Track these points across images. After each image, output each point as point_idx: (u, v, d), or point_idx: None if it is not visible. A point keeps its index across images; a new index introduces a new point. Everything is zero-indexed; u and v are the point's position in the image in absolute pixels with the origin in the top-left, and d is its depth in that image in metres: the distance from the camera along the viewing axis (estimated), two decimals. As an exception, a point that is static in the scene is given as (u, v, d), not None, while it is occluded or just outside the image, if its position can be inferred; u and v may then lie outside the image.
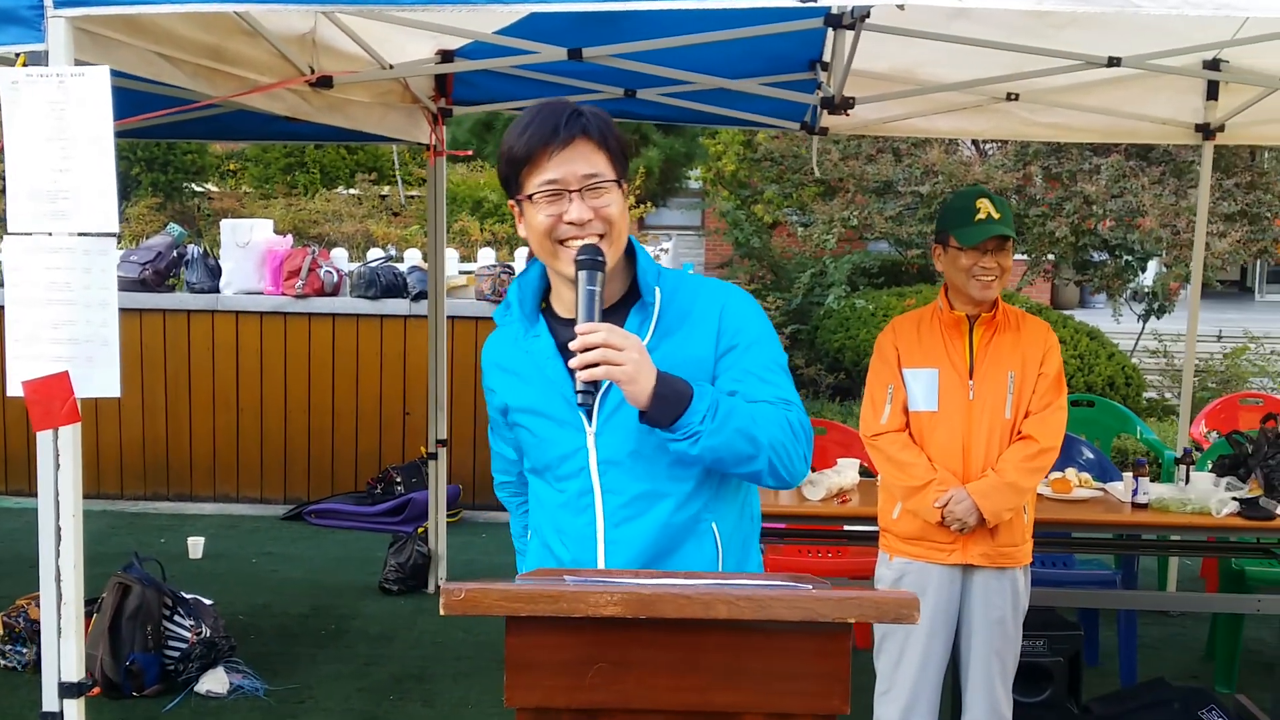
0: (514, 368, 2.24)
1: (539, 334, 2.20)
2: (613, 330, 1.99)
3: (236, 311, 8.02)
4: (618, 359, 1.96)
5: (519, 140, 2.09)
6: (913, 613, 1.64)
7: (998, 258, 3.50)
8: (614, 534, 2.16)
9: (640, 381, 1.98)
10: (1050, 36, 4.65)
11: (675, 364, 2.07)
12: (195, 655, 4.91)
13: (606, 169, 2.10)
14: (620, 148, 2.12)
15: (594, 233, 2.08)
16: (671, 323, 2.16)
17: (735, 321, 2.17)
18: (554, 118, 2.07)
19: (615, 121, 2.16)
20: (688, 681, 1.67)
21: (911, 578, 3.62)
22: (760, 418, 2.06)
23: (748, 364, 2.15)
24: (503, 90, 5.72)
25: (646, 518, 2.15)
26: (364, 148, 16.15)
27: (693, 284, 2.22)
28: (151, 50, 3.18)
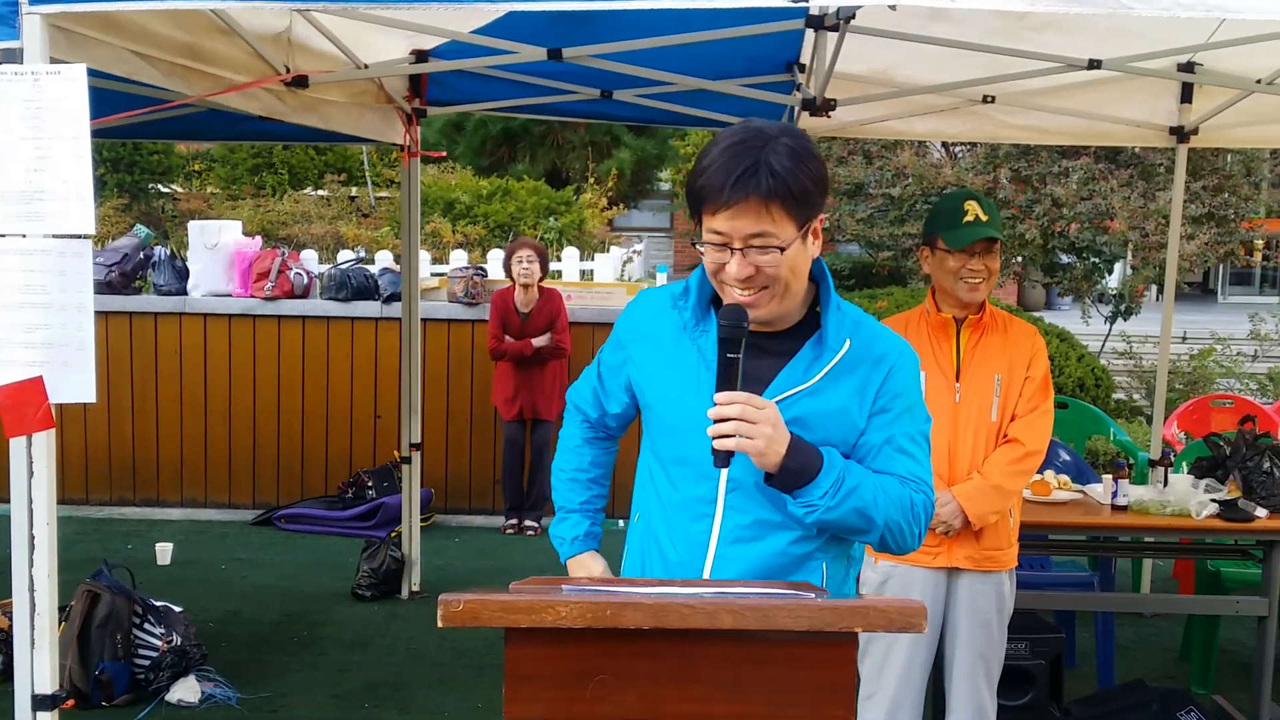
0: (670, 351, 2.22)
1: (708, 330, 2.18)
2: (749, 402, 2.00)
3: (205, 314, 7.92)
4: (750, 432, 1.99)
5: (698, 181, 2.04)
6: (920, 621, 1.61)
7: (985, 260, 3.49)
8: (727, 550, 2.16)
9: (769, 456, 2.01)
10: (1028, 39, 4.65)
11: (829, 409, 2.11)
12: (166, 664, 4.84)
13: (780, 227, 2.01)
14: (805, 198, 2.02)
15: (756, 285, 2.06)
16: (842, 369, 2.14)
17: (897, 385, 2.16)
18: (732, 168, 1.99)
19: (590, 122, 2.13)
20: (690, 693, 1.64)
21: (896, 581, 3.60)
22: (883, 497, 2.08)
23: (893, 431, 2.15)
24: (478, 91, 5.67)
25: (763, 543, 2.16)
26: (332, 148, 16.06)
27: (869, 332, 2.19)
28: (127, 49, 3.12)
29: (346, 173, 16.12)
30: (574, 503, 2.51)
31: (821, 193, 2.05)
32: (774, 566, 2.15)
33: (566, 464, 2.54)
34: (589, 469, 2.53)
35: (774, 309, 2.11)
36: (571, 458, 2.54)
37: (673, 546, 2.21)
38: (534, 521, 7.63)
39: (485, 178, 15.60)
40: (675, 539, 2.21)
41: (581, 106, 5.74)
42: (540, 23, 4.55)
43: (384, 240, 12.55)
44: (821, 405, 2.11)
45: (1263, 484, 4.40)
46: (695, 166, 2.06)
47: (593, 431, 2.53)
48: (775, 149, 1.99)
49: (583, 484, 2.52)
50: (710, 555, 2.16)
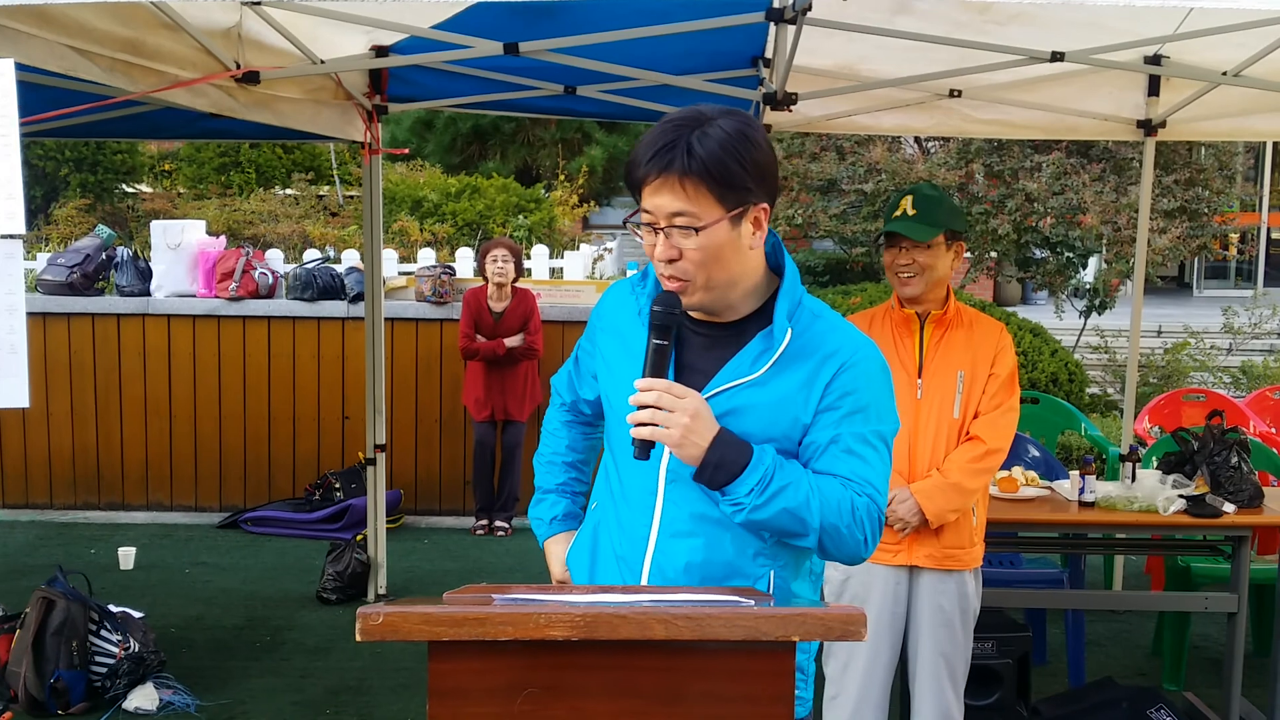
0: (626, 339, 2.18)
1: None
2: (668, 390, 1.96)
3: (168, 315, 7.82)
4: (666, 421, 1.95)
5: (631, 161, 2.01)
6: (860, 629, 1.55)
7: (914, 254, 3.44)
8: (666, 543, 2.09)
9: (687, 448, 1.96)
10: (992, 33, 4.62)
11: (772, 401, 2.03)
12: (123, 671, 4.76)
13: (702, 207, 1.94)
14: (732, 178, 1.95)
15: (679, 275, 2.00)
16: (789, 360, 2.05)
17: (847, 383, 2.05)
18: (656, 142, 1.95)
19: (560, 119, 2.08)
20: (624, 706, 1.58)
21: (857, 579, 3.56)
22: (817, 499, 1.98)
23: (840, 431, 2.04)
24: (440, 87, 5.60)
25: (699, 539, 2.08)
26: (301, 147, 15.95)
27: (826, 327, 2.09)
28: (63, 43, 3.04)
29: (315, 171, 16.01)
30: (551, 484, 2.47)
31: (756, 179, 1.97)
32: (715, 565, 2.07)
33: (545, 447, 2.52)
34: (566, 452, 2.49)
35: (704, 299, 2.04)
36: (550, 440, 2.51)
37: (621, 537, 2.16)
38: (504, 522, 7.56)
39: (455, 176, 15.52)
40: (623, 530, 2.15)
41: (545, 102, 5.68)
42: (502, 18, 4.50)
43: (351, 239, 12.45)
44: (765, 398, 2.03)
45: (1230, 479, 4.37)
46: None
47: (570, 415, 2.49)
48: (707, 130, 1.94)
49: (560, 466, 2.48)
50: (650, 548, 2.10)
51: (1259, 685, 4.74)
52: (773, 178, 2.03)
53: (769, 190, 2.02)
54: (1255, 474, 4.48)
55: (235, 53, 4.01)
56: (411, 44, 4.88)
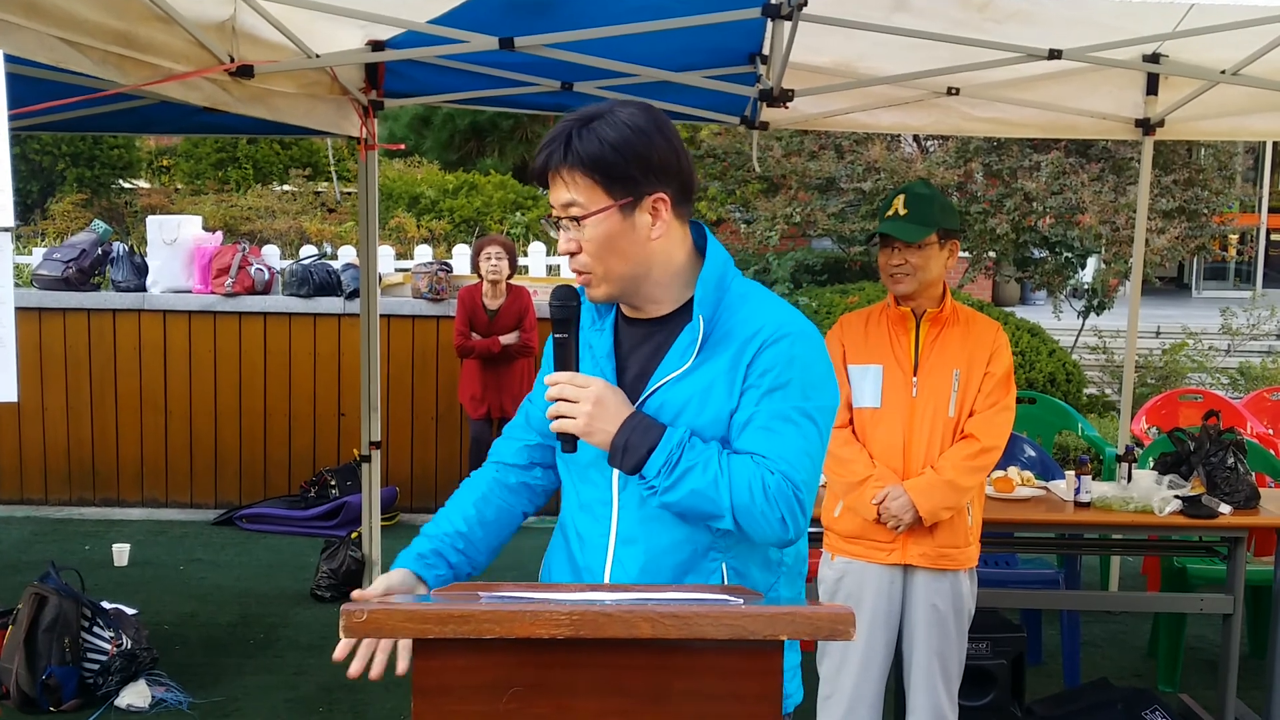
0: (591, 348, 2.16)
1: (603, 329, 2.14)
2: (570, 381, 1.99)
3: (164, 310, 7.80)
4: (570, 411, 1.97)
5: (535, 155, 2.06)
6: (848, 629, 1.53)
7: (906, 254, 3.43)
8: (623, 550, 2.07)
9: (595, 435, 1.98)
10: (991, 30, 4.61)
11: (703, 389, 2.01)
12: (115, 667, 4.74)
13: (589, 197, 1.97)
14: (615, 167, 1.95)
15: (579, 268, 2.03)
16: (714, 347, 2.03)
17: (767, 361, 2.00)
18: (547, 140, 2.00)
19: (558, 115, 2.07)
20: (610, 705, 1.56)
21: (851, 578, 3.55)
22: (725, 479, 1.93)
23: (758, 409, 1.99)
24: (436, 83, 5.58)
25: (654, 540, 2.05)
26: (298, 143, 15.92)
27: (752, 308, 2.06)
28: (54, 35, 3.02)
29: (312, 167, 15.98)
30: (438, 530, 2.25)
31: (642, 169, 1.97)
32: (667, 566, 2.04)
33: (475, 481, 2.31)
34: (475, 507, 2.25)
35: (609, 291, 2.04)
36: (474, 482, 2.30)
37: (580, 550, 2.14)
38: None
39: (453, 172, 15.48)
40: (583, 542, 2.14)
41: (542, 99, 5.65)
42: (498, 13, 4.48)
43: (348, 235, 12.44)
44: (695, 388, 2.01)
45: (1226, 480, 4.35)
46: None
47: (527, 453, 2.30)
48: (593, 124, 1.97)
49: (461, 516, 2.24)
50: (609, 557, 2.08)
51: (1255, 687, 4.73)
52: (673, 169, 2.01)
53: (669, 182, 2.01)
54: (1252, 475, 4.47)
55: (229, 46, 3.98)
56: (407, 38, 4.86)
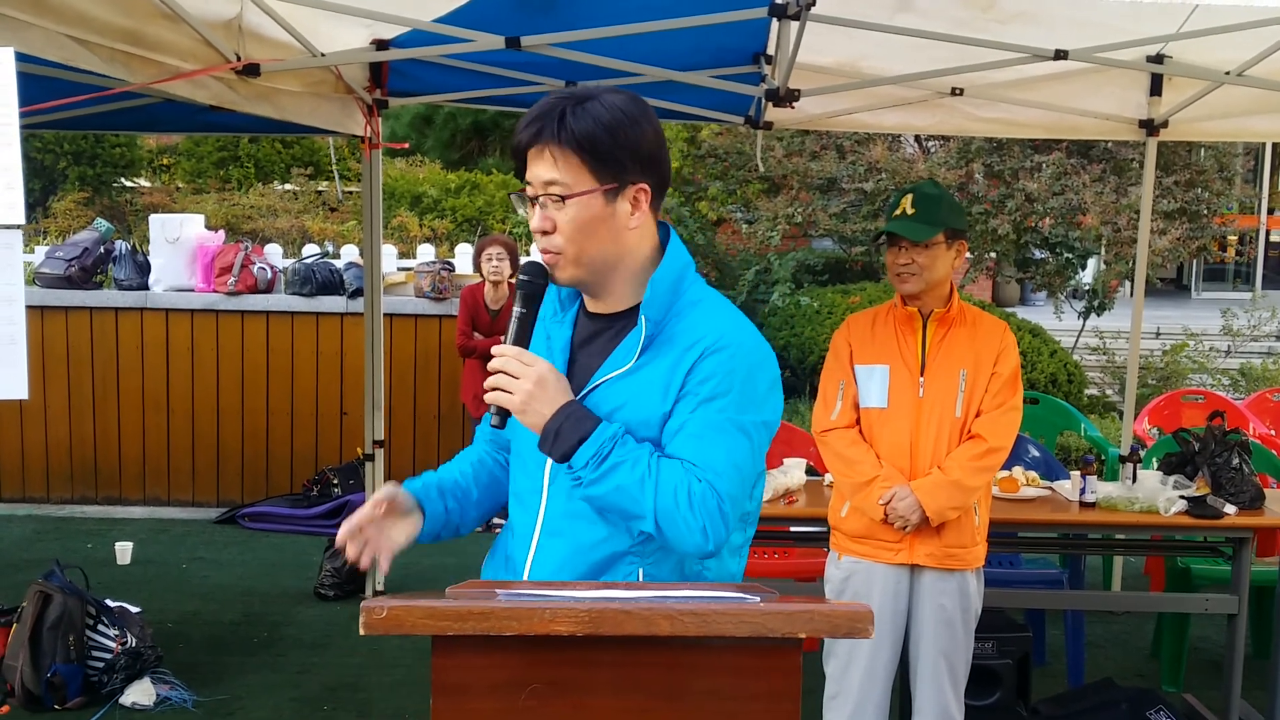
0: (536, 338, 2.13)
1: (563, 321, 2.14)
2: (517, 357, 1.97)
3: (166, 309, 7.80)
4: (509, 386, 1.96)
5: (517, 129, 2.01)
6: (866, 626, 1.54)
7: (913, 254, 3.43)
8: (546, 542, 2.05)
9: (529, 415, 1.96)
10: (995, 31, 4.61)
11: (642, 390, 1.99)
12: (120, 666, 4.73)
13: (574, 177, 1.94)
14: (608, 151, 1.94)
15: (550, 248, 2.00)
16: (658, 349, 2.02)
17: (706, 370, 1.97)
18: (536, 114, 1.96)
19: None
20: (628, 702, 1.56)
21: (858, 578, 3.55)
22: (651, 481, 1.91)
23: (692, 417, 1.96)
24: (440, 82, 5.58)
25: (572, 537, 2.02)
26: (300, 142, 15.91)
27: (701, 314, 2.03)
28: (62, 33, 3.02)
29: (314, 166, 15.97)
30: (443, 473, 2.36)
31: (632, 156, 1.96)
32: (585, 564, 2.01)
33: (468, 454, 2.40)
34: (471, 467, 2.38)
35: (576, 274, 2.02)
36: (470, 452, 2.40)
37: (510, 539, 2.14)
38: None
39: (455, 171, 15.48)
40: (514, 531, 2.14)
41: (545, 97, 5.65)
42: (503, 11, 4.48)
43: (351, 234, 12.43)
44: (635, 387, 2.00)
45: (1231, 480, 4.36)
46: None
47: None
48: (587, 104, 1.95)
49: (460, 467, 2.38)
50: (532, 548, 2.07)
51: (1259, 688, 4.73)
52: (656, 162, 2.02)
53: (652, 174, 2.01)
54: (1256, 476, 4.47)
55: (236, 45, 3.98)
56: (412, 37, 4.86)
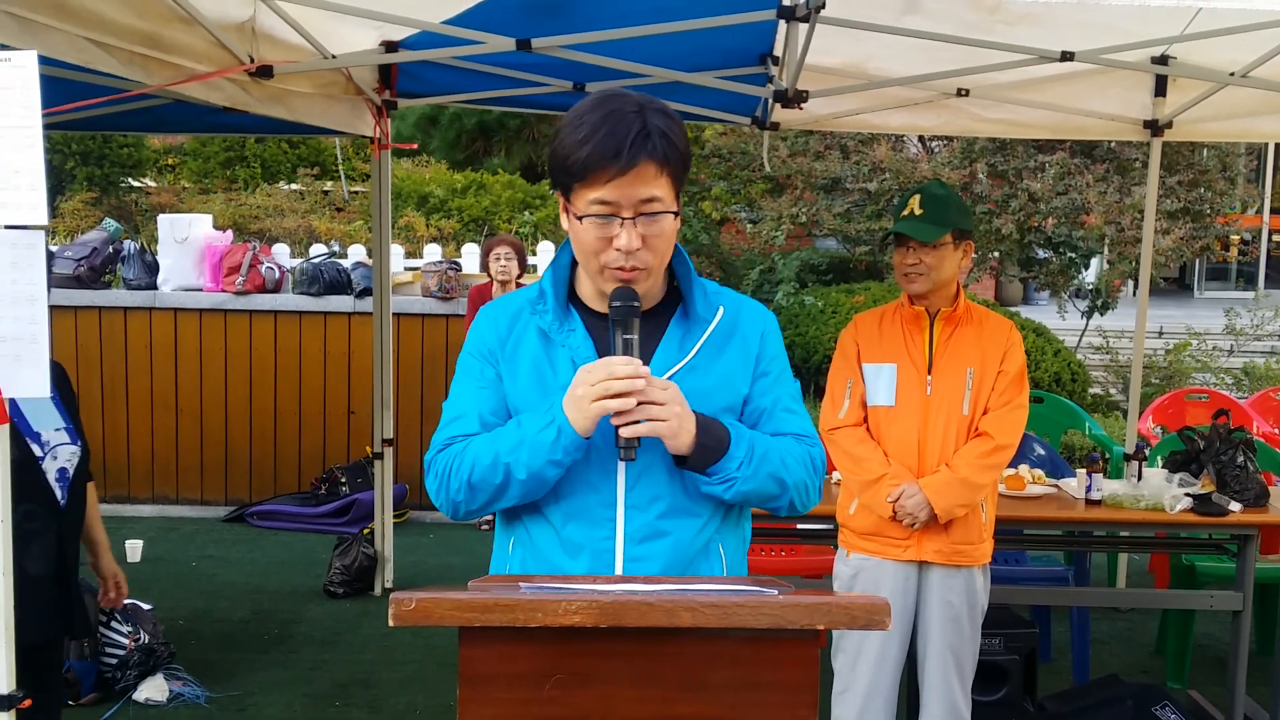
0: (536, 360, 2.07)
1: (574, 328, 2.07)
2: (652, 384, 1.92)
3: (175, 309, 7.84)
4: (661, 414, 1.92)
5: (579, 151, 1.91)
6: (884, 618, 1.57)
7: (921, 254, 3.46)
8: (635, 550, 2.02)
9: (682, 436, 1.94)
10: (1001, 33, 4.64)
11: (709, 383, 2.05)
12: (133, 662, 4.78)
13: (667, 193, 1.95)
14: (685, 161, 1.99)
15: (640, 265, 1.96)
16: (718, 340, 2.09)
17: (772, 348, 2.15)
18: (621, 133, 1.89)
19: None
20: (650, 693, 1.60)
21: (867, 574, 3.58)
22: (788, 458, 2.06)
23: (779, 393, 2.14)
24: (448, 83, 5.62)
25: (668, 538, 2.03)
26: (306, 142, 15.94)
27: (735, 301, 2.17)
28: (83, 36, 3.05)
29: (320, 166, 16.01)
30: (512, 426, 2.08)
31: (688, 168, 2.04)
32: (680, 561, 2.04)
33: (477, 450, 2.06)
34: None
35: (648, 285, 2.04)
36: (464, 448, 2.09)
37: (572, 560, 2.03)
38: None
39: (461, 172, 15.52)
40: (578, 552, 2.03)
41: (554, 99, 5.69)
42: (512, 14, 4.51)
43: (357, 234, 12.48)
44: (701, 380, 2.04)
45: (1236, 478, 4.39)
46: (564, 142, 1.95)
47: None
48: (652, 114, 1.95)
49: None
50: (619, 560, 2.02)
51: (1263, 684, 4.77)
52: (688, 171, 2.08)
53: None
54: (1261, 473, 4.50)
55: (249, 47, 4.02)
56: (422, 39, 4.89)
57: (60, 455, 3.19)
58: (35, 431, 3.14)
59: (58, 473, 3.18)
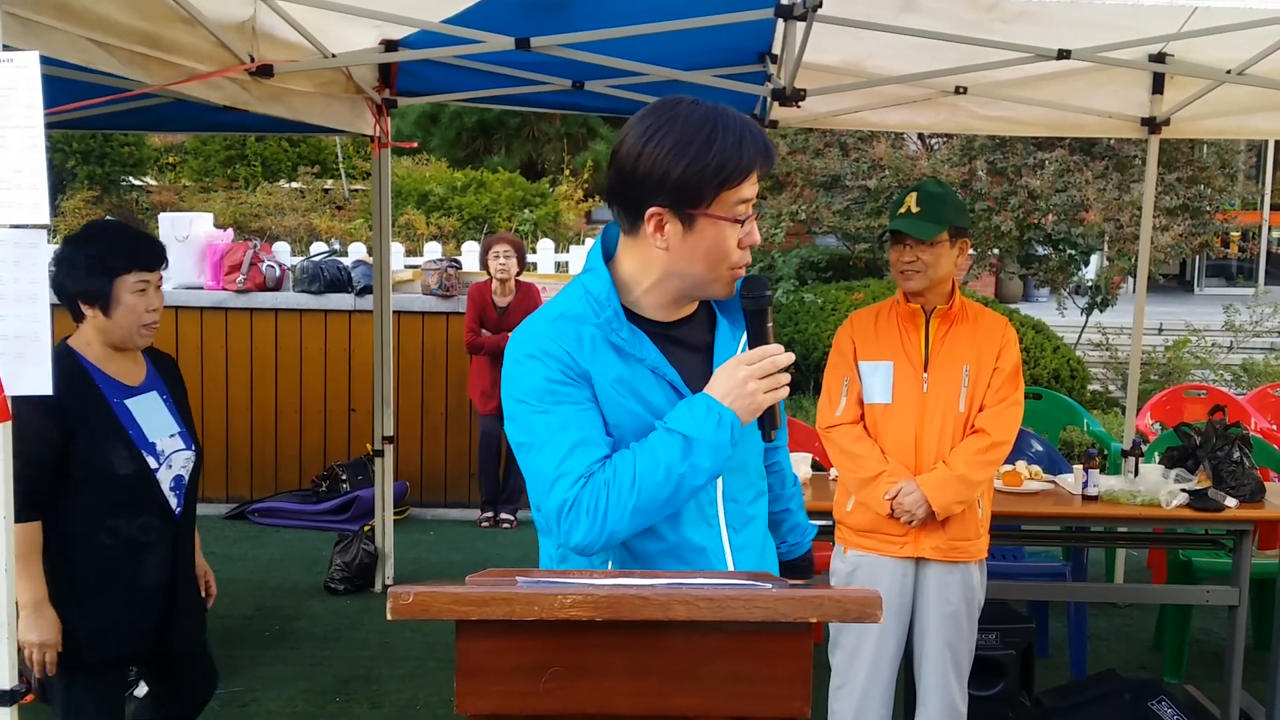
0: (617, 374, 2.02)
1: (642, 340, 2.04)
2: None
3: (176, 307, 7.84)
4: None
5: (739, 152, 1.95)
6: (876, 611, 1.59)
7: (917, 251, 3.48)
8: (737, 540, 2.12)
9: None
10: (999, 31, 4.66)
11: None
12: (135, 659, 4.79)
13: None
14: None
15: (747, 264, 2.08)
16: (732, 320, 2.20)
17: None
18: (756, 132, 2.00)
19: (565, 114, 2.12)
20: (645, 685, 1.62)
21: (864, 571, 3.60)
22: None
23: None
24: (448, 81, 5.64)
25: (760, 521, 2.21)
26: (306, 140, 15.97)
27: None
28: (84, 36, 3.08)
29: (320, 165, 16.04)
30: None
31: None
32: (762, 538, 2.23)
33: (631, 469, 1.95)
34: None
35: None
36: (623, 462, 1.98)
37: (689, 566, 2.06)
38: (510, 515, 7.60)
39: (461, 170, 15.55)
40: (686, 555, 2.06)
41: (553, 98, 5.71)
42: (511, 12, 4.52)
43: (358, 232, 12.50)
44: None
45: (1233, 474, 4.41)
46: (711, 144, 1.94)
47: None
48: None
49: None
50: (728, 555, 2.10)
51: (1259, 679, 4.79)
52: None
53: None
54: (1257, 469, 4.53)
55: (249, 46, 4.04)
56: (422, 38, 4.91)
57: (175, 463, 3.15)
58: (150, 443, 3.10)
59: (173, 481, 3.14)
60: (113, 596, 3.06)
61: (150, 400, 3.19)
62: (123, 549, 3.05)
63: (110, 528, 3.04)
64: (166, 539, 3.11)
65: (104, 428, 3.04)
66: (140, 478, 3.04)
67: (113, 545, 3.04)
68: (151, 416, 3.14)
